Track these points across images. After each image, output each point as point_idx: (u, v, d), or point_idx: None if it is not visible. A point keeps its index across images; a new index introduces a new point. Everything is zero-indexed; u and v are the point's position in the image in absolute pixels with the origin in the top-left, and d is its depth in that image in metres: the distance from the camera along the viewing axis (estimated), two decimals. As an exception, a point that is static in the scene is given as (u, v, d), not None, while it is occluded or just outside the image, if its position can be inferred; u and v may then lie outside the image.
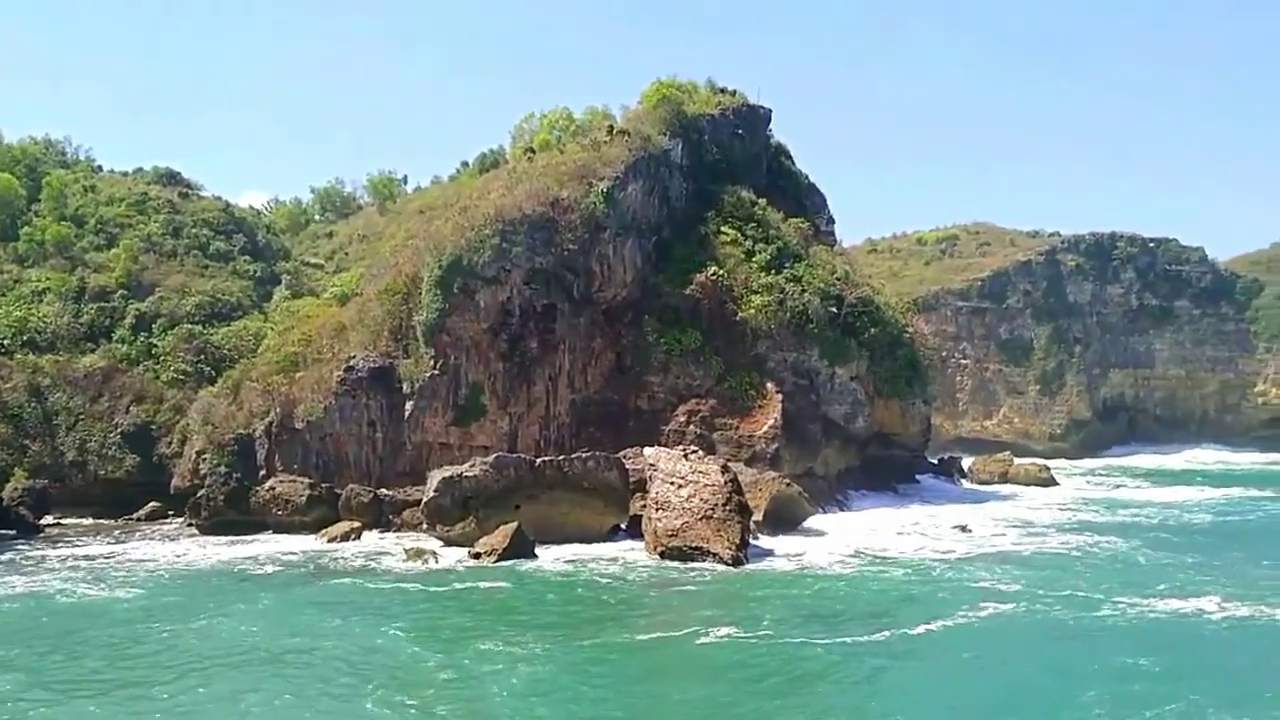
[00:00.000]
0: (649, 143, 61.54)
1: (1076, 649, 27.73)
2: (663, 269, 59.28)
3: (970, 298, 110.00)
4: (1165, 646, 27.51)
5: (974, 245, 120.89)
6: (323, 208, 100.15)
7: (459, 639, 29.01)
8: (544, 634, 29.39)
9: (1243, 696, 23.15)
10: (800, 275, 59.60)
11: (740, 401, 54.79)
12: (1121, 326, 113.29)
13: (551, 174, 58.66)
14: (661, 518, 41.96)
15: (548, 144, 65.65)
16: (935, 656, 27.75)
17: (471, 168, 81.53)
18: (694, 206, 62.78)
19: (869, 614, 32.54)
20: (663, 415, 55.03)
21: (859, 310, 60.95)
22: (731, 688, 25.00)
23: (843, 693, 24.88)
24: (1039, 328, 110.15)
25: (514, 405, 54.28)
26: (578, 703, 23.60)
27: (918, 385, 66.58)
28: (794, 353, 57.30)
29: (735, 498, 42.24)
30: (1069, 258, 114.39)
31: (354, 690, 24.21)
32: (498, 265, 54.26)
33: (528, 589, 36.11)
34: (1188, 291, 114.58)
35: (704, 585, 36.71)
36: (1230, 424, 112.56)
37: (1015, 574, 38.24)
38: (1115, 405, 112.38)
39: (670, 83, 67.30)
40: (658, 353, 56.49)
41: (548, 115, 71.59)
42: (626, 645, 28.68)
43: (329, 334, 58.13)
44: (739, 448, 52.71)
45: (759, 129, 70.73)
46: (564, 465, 44.82)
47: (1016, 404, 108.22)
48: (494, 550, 40.80)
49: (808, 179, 74.17)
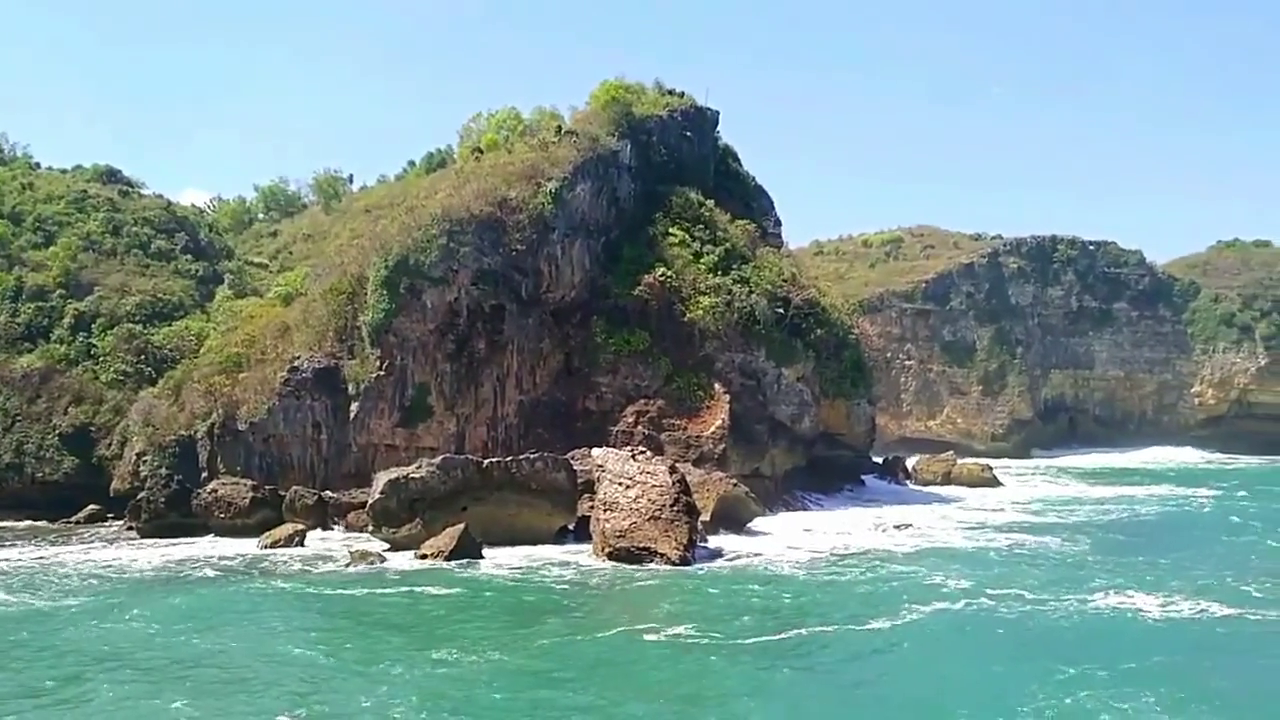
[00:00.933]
0: (597, 143, 61.56)
1: (1022, 647, 28.11)
2: (611, 270, 59.33)
3: (914, 299, 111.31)
4: (1108, 645, 27.94)
5: (918, 248, 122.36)
6: (267, 206, 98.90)
7: (405, 642, 28.80)
8: (491, 635, 29.29)
9: (1181, 696, 23.61)
10: (748, 277, 59.95)
11: (688, 402, 54.99)
12: (1062, 328, 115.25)
13: (499, 174, 58.49)
14: (609, 518, 41.98)
15: (495, 144, 65.42)
16: (883, 654, 28.02)
17: (418, 167, 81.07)
18: (642, 207, 62.91)
19: (817, 612, 32.83)
20: (611, 416, 55.07)
21: (805, 312, 61.45)
22: (681, 686, 25.07)
23: (791, 690, 25.04)
24: (981, 329, 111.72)
25: (461, 406, 54.04)
26: (528, 702, 23.55)
27: (863, 386, 67.29)
28: (741, 354, 57.63)
29: (683, 498, 42.40)
30: (1011, 260, 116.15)
31: (286, 698, 23.73)
32: (445, 265, 53.98)
33: (475, 591, 35.93)
34: (1126, 294, 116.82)
35: (652, 585, 36.79)
36: (1168, 424, 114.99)
37: (962, 572, 38.69)
38: (1056, 406, 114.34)
39: (618, 84, 67.36)
40: (606, 353, 56.54)
41: (495, 115, 71.34)
42: (576, 645, 28.65)
43: (273, 334, 57.49)
44: (687, 448, 52.90)
45: (707, 131, 71.00)
46: (511, 466, 44.65)
47: (959, 404, 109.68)
48: (440, 552, 40.56)
49: (755, 181, 74.61)
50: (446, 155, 76.76)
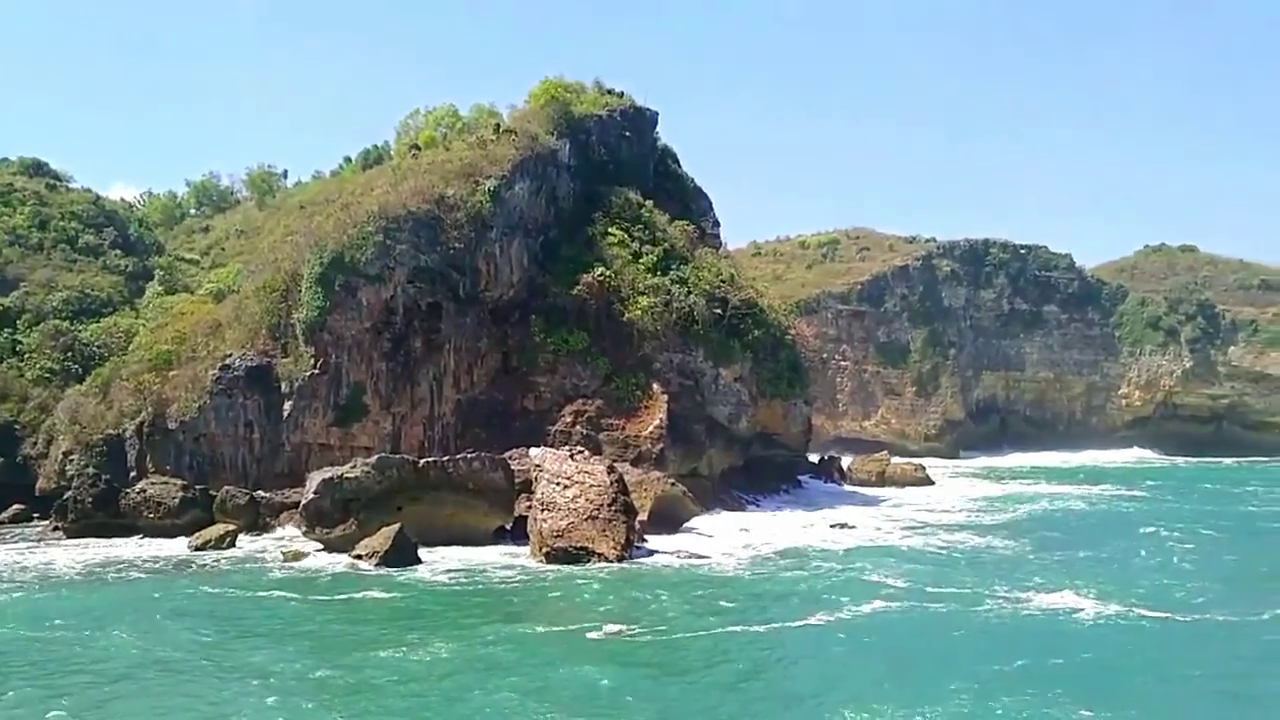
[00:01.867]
0: (536, 142, 61.39)
1: (956, 646, 28.55)
2: (550, 269, 59.20)
3: (850, 301, 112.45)
4: (1038, 644, 28.42)
5: (854, 250, 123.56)
6: (199, 202, 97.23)
7: (338, 646, 28.42)
8: (429, 636, 29.04)
9: (1105, 696, 24.10)
10: (686, 277, 60.14)
11: (626, 402, 55.04)
12: (993, 330, 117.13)
13: (437, 171, 58.10)
14: (547, 518, 41.90)
15: (433, 141, 64.98)
16: (819, 652, 28.30)
17: (354, 163, 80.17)
18: (581, 207, 62.85)
19: (755, 611, 33.08)
20: (549, 415, 54.96)
21: (743, 312, 61.78)
22: (622, 685, 25.12)
23: (730, 688, 25.22)
24: (915, 331, 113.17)
25: (397, 405, 53.59)
26: (469, 704, 23.42)
27: (799, 386, 67.82)
28: (680, 354, 57.81)
29: (621, 498, 42.48)
30: (944, 263, 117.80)
31: (216, 705, 23.39)
32: (381, 263, 53.48)
33: (411, 592, 35.64)
34: (1056, 297, 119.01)
35: (590, 585, 36.77)
36: (1096, 425, 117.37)
37: (900, 571, 39.18)
38: (987, 407, 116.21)
39: (558, 82, 67.24)
40: (544, 353, 56.41)
41: (433, 112, 70.90)
42: (517, 646, 28.55)
43: (204, 331, 56.60)
44: (625, 448, 52.96)
45: (646, 131, 71.12)
46: (448, 466, 44.35)
47: (894, 405, 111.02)
48: (375, 553, 40.13)
49: (694, 182, 74.81)
50: (383, 152, 76.05)
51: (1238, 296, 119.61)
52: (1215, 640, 29.59)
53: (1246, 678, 25.92)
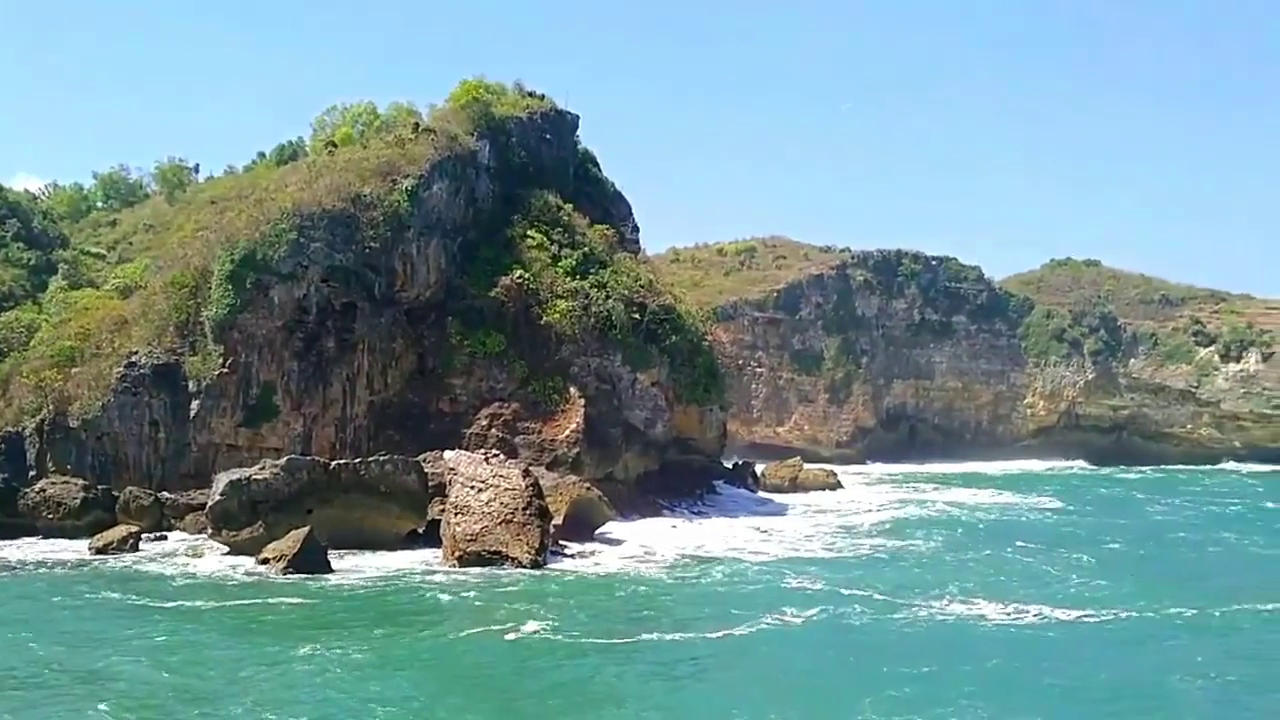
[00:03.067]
0: (456, 142, 60.87)
1: (870, 651, 28.97)
2: (468, 271, 58.74)
3: (766, 308, 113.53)
4: (951, 649, 29.10)
5: (771, 258, 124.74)
6: (106, 195, 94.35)
7: (245, 652, 27.81)
8: (342, 641, 28.59)
9: (1013, 698, 24.65)
10: (605, 281, 60.14)
11: (543, 405, 54.85)
12: (905, 339, 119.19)
13: (354, 169, 57.26)
14: (461, 522, 41.60)
15: (350, 138, 64.04)
16: (733, 658, 28.57)
17: (269, 159, 78.58)
18: (500, 209, 62.47)
19: (671, 616, 33.23)
20: (465, 418, 54.51)
21: (661, 318, 61.98)
22: (538, 690, 25.08)
23: (643, 694, 25.30)
24: (829, 339, 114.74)
25: (308, 406, 52.68)
26: (384, 708, 23.09)
27: (715, 392, 68.28)
28: (597, 358, 57.78)
29: (536, 502, 42.35)
30: (858, 273, 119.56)
31: (102, 715, 22.67)
32: (294, 261, 52.54)
33: (321, 596, 35.06)
34: (965, 308, 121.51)
35: (504, 589, 36.58)
36: (1002, 434, 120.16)
37: (815, 576, 39.71)
38: (898, 414, 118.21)
39: (478, 83, 66.76)
40: (461, 355, 55.93)
41: (351, 109, 69.80)
42: (432, 651, 28.35)
43: (109, 328, 55.05)
44: (541, 452, 52.77)
45: (566, 134, 71.00)
46: (360, 468, 43.76)
47: (807, 411, 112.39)
48: (283, 556, 39.32)
49: (614, 186, 74.92)
50: (298, 148, 74.69)
51: (1139, 310, 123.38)
52: (1120, 643, 30.49)
53: (1149, 679, 26.71)
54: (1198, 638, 31.01)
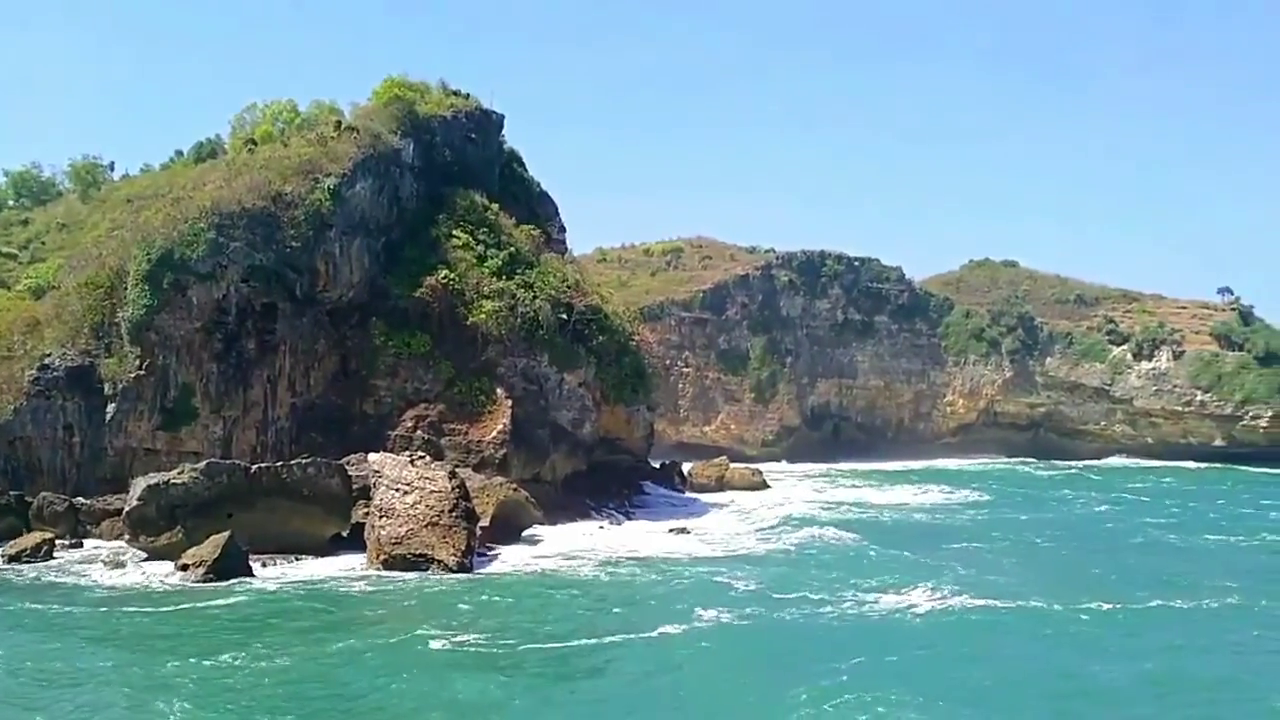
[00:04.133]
0: (379, 141, 60.14)
1: (800, 647, 29.44)
2: (392, 271, 58.07)
3: (692, 308, 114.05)
4: (880, 642, 29.64)
5: (697, 258, 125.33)
6: (17, 193, 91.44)
7: (166, 660, 27.19)
8: (263, 648, 28.13)
9: (938, 689, 25.11)
10: (532, 282, 59.91)
11: (470, 407, 54.46)
12: (828, 339, 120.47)
13: (274, 167, 56.30)
14: (385, 525, 41.19)
15: (270, 136, 62.95)
16: (666, 659, 28.67)
17: (186, 157, 76.86)
18: (425, 208, 61.85)
19: (602, 617, 33.21)
20: (389, 420, 53.91)
21: (588, 318, 61.93)
22: (466, 694, 24.91)
23: (576, 695, 25.31)
24: (755, 339, 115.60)
25: (229, 409, 51.69)
26: (309, 715, 22.75)
27: (643, 392, 68.41)
28: (524, 358, 57.54)
29: (462, 504, 42.11)
30: (783, 273, 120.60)
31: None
32: (213, 260, 51.48)
33: (241, 602, 34.45)
34: (887, 308, 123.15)
35: (430, 593, 36.29)
36: (923, 431, 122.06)
37: (745, 575, 40.03)
38: (822, 413, 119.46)
39: (402, 81, 66.06)
40: (385, 356, 55.31)
41: (271, 106, 68.61)
42: (359, 657, 27.98)
43: (21, 329, 53.42)
44: (467, 453, 52.41)
45: (492, 134, 70.53)
46: (282, 471, 43.08)
47: (733, 411, 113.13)
48: (203, 562, 38.54)
49: (540, 186, 74.65)
50: (217, 146, 73.17)
51: (1055, 310, 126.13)
52: (1041, 633, 31.27)
53: (1070, 667, 27.42)
54: (1116, 628, 31.90)
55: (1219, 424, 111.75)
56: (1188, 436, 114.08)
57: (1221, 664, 28.24)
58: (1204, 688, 25.90)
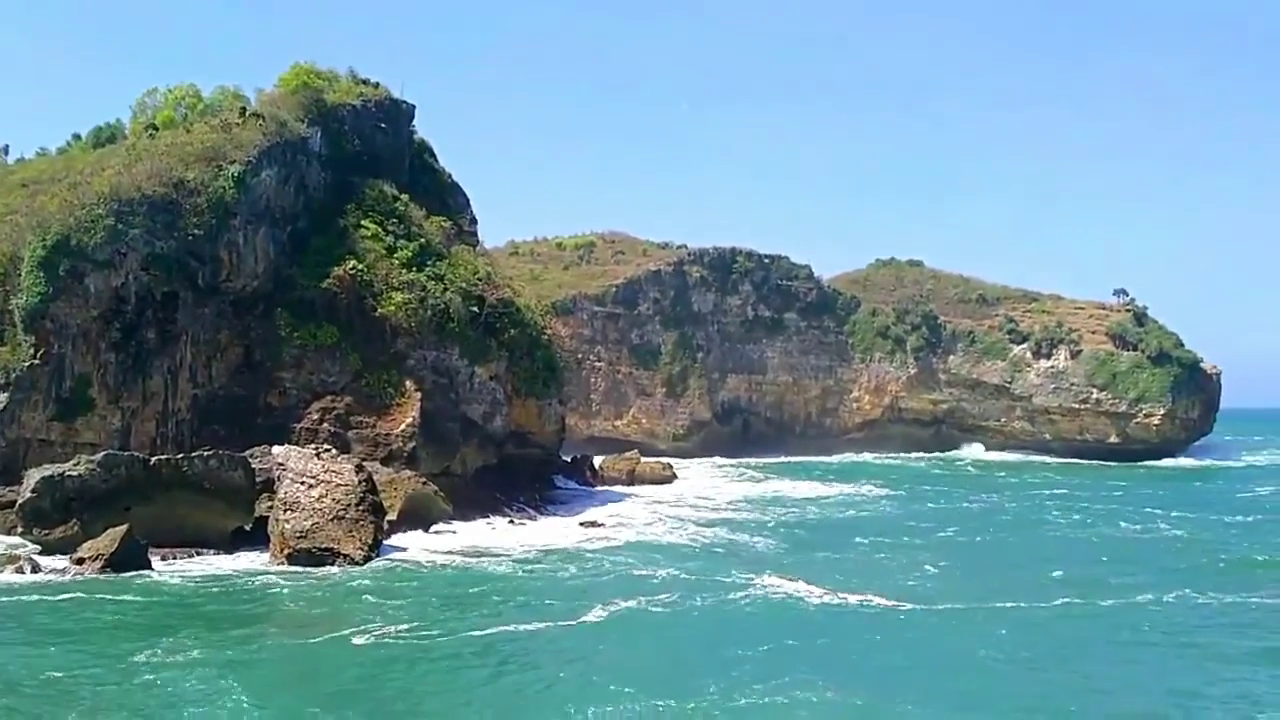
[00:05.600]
0: (285, 128, 58.96)
1: (709, 635, 29.89)
2: (298, 260, 57.03)
3: (605, 303, 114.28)
4: (783, 631, 30.13)
5: (610, 253, 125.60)
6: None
7: (61, 659, 26.38)
8: (169, 646, 27.50)
9: (840, 676, 25.61)
10: (442, 274, 59.39)
11: (378, 399, 53.80)
12: (739, 335, 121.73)
13: (176, 154, 54.83)
14: (290, 519, 40.58)
15: (172, 122, 61.29)
16: (581, 649, 28.89)
17: (84, 141, 74.51)
18: (333, 198, 60.86)
19: (514, 609, 33.24)
20: (295, 412, 52.99)
21: (500, 311, 61.65)
22: (388, 687, 24.73)
23: (492, 686, 25.33)
24: (666, 334, 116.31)
25: (127, 399, 50.31)
26: (234, 713, 22.32)
27: (554, 386, 68.37)
28: (434, 351, 57.02)
29: (369, 497, 41.69)
30: (694, 269, 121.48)
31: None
32: (112, 248, 50.00)
33: (140, 598, 33.60)
34: (796, 305, 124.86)
35: (340, 587, 35.89)
36: (830, 427, 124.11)
37: (654, 565, 40.48)
38: (732, 408, 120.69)
39: (309, 68, 64.87)
40: (290, 347, 54.30)
41: (173, 91, 66.78)
42: (269, 654, 27.57)
43: (-93, 317, 51.27)
44: (375, 446, 51.79)
45: (402, 124, 69.68)
46: (183, 464, 42.13)
47: (645, 405, 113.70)
48: (100, 556, 37.55)
49: (451, 178, 74.02)
50: (117, 130, 71.01)
51: (958, 309, 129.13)
52: (942, 624, 32.06)
53: (966, 657, 28.13)
54: (1011, 620, 32.73)
55: (1114, 421, 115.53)
56: (1084, 433, 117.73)
57: (1110, 658, 29.16)
58: (1091, 686, 26.63)
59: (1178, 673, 27.14)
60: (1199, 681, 26.25)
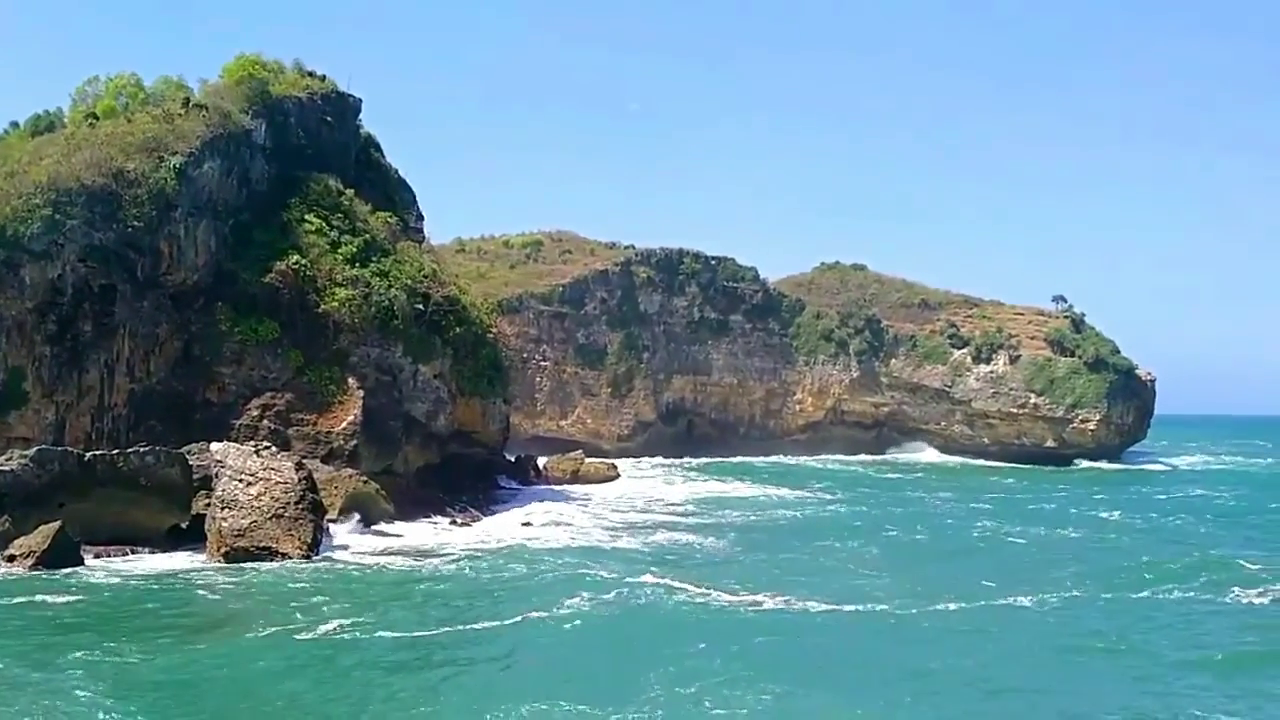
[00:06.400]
0: (229, 120, 58.07)
1: (649, 634, 30.02)
2: (240, 254, 56.21)
3: (552, 302, 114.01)
4: (721, 631, 30.26)
5: (557, 252, 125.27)
6: None
7: (4, 655, 25.88)
8: (98, 644, 27.02)
9: (784, 677, 25.81)
10: (387, 270, 58.87)
11: (319, 396, 53.23)
12: (684, 336, 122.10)
13: (117, 144, 53.79)
14: (228, 517, 40.09)
15: (113, 111, 60.05)
16: (525, 650, 28.85)
17: (22, 129, 72.81)
18: (277, 191, 60.04)
19: (457, 607, 33.15)
20: (234, 409, 52.25)
21: (445, 309, 61.28)
22: (333, 686, 24.56)
23: (434, 685, 25.23)
24: (613, 334, 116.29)
25: (62, 394, 49.29)
26: (153, 713, 21.98)
27: (499, 385, 68.13)
28: (378, 348, 56.53)
29: (309, 496, 41.32)
30: (641, 270, 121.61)
31: None
32: (48, 238, 48.94)
33: (73, 596, 32.98)
34: (742, 307, 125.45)
35: (279, 586, 35.50)
36: (773, 428, 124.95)
37: (596, 565, 40.51)
38: (677, 409, 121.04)
39: (254, 59, 63.90)
40: (231, 342, 53.53)
41: (114, 80, 65.44)
42: (214, 650, 27.21)
43: None
44: (316, 444, 51.26)
45: (348, 118, 68.93)
46: (118, 460, 41.41)
47: (590, 405, 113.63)
48: (31, 553, 36.85)
49: (398, 173, 73.45)
50: (56, 119, 69.41)
51: (900, 313, 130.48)
52: (880, 627, 32.40)
53: (905, 659, 28.47)
54: (953, 623, 33.17)
55: (1051, 426, 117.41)
56: (1022, 437, 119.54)
57: (1044, 660, 29.68)
58: (1027, 687, 27.08)
59: (1099, 676, 27.66)
60: (1129, 684, 26.78)
